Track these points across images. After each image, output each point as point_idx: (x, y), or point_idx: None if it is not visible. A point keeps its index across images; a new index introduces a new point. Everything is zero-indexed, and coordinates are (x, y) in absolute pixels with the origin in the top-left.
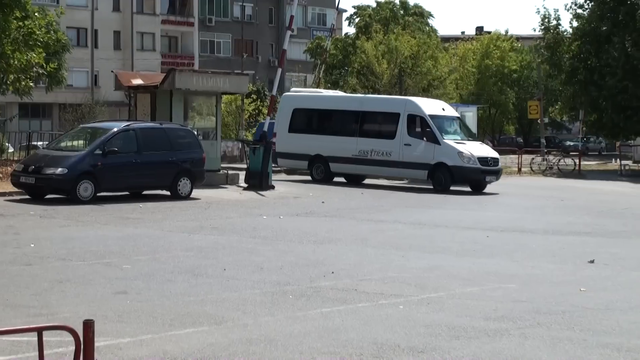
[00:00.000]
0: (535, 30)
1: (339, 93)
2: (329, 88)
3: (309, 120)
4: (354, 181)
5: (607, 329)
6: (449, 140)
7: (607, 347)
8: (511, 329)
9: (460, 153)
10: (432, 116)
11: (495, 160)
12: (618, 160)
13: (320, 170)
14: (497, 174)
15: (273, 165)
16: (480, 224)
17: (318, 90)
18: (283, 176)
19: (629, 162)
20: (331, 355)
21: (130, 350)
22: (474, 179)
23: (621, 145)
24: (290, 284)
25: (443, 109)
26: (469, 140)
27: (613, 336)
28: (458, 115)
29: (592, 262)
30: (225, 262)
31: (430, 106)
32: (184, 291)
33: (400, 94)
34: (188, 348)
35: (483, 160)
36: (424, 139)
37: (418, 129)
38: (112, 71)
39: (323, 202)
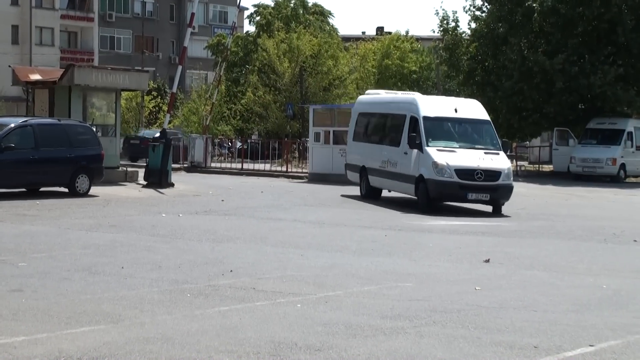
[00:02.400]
0: (434, 31)
1: (410, 94)
2: (229, 86)
3: (366, 126)
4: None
5: (500, 327)
6: (433, 148)
7: (500, 344)
8: (407, 327)
9: (434, 163)
10: (429, 118)
11: (489, 174)
12: (514, 161)
13: (363, 185)
14: (490, 191)
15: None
16: (378, 222)
17: (391, 92)
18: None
19: (525, 163)
20: (228, 353)
21: (25, 349)
22: (451, 194)
23: (517, 146)
24: (188, 282)
25: (455, 110)
26: (475, 148)
27: (506, 334)
28: (482, 118)
29: (487, 261)
30: (123, 260)
31: (433, 106)
32: (80, 289)
33: (301, 93)
34: (84, 346)
35: (464, 172)
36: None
37: (413, 134)
38: (9, 66)
39: (223, 200)
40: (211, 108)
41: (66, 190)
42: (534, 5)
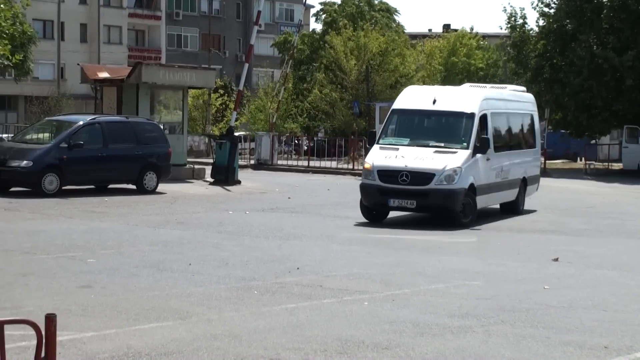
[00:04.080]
0: (501, 28)
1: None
2: (296, 83)
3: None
4: None
5: (569, 327)
6: (377, 146)
7: (570, 344)
8: (475, 326)
9: (364, 163)
10: (398, 111)
11: (417, 176)
12: (583, 159)
13: None
14: (418, 196)
15: None
16: (442, 221)
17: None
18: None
19: (594, 161)
20: (295, 351)
21: (94, 345)
22: (374, 201)
23: (586, 145)
24: (255, 279)
25: (434, 101)
26: (429, 146)
27: (576, 334)
28: (461, 111)
29: (556, 260)
30: (191, 256)
31: (412, 98)
32: (148, 286)
33: (367, 91)
34: (152, 343)
35: (386, 173)
36: None
37: (373, 130)
38: (78, 64)
39: (289, 197)
40: (278, 106)
41: (134, 187)
42: (604, 1)
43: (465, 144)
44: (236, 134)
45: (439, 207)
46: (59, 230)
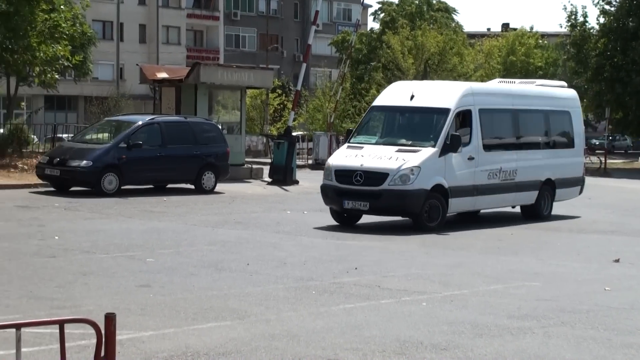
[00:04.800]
0: (561, 26)
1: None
2: (354, 83)
3: None
4: None
5: (631, 329)
6: (346, 145)
7: (632, 346)
8: (535, 327)
9: (326, 163)
10: (375, 108)
11: (371, 176)
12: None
13: None
14: (371, 198)
15: None
16: (504, 221)
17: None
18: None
19: None
20: (354, 351)
21: (153, 344)
22: (332, 202)
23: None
24: (313, 279)
25: (412, 97)
26: (395, 144)
27: (637, 336)
28: (437, 107)
29: (617, 261)
30: (249, 256)
31: (392, 94)
32: (207, 285)
33: None
34: (210, 342)
35: (342, 173)
36: None
37: (350, 129)
38: (137, 64)
39: None
40: (335, 105)
41: (192, 187)
42: None
43: (432, 142)
44: (294, 133)
45: (393, 210)
46: (118, 229)
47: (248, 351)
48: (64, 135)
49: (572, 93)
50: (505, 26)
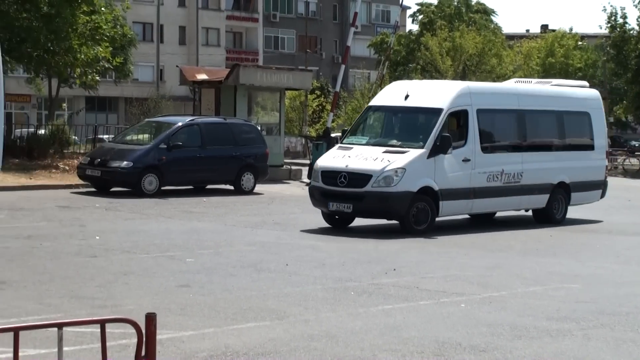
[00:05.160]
0: (601, 28)
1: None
2: None
3: None
4: None
5: None
6: (337, 145)
7: None
8: (574, 329)
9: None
10: (371, 108)
11: (355, 177)
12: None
13: None
14: (354, 200)
15: None
16: (543, 223)
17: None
18: None
19: None
20: (392, 352)
21: (193, 344)
22: (319, 204)
23: None
24: (352, 280)
25: (406, 97)
26: (384, 145)
27: None
28: (430, 107)
29: None
30: (288, 257)
31: (389, 94)
32: (246, 286)
33: None
34: (249, 342)
35: (328, 175)
36: None
37: (345, 129)
38: (177, 66)
39: None
40: None
41: (232, 187)
42: None
43: (421, 142)
44: (333, 135)
45: (376, 212)
46: (158, 230)
47: (287, 351)
48: (105, 136)
49: (593, 93)
50: (544, 27)
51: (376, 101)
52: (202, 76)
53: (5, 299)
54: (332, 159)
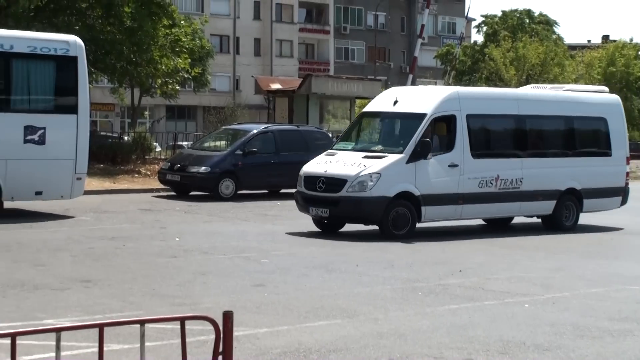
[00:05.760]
0: None
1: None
2: None
3: None
4: None
5: None
6: (326, 151)
7: None
8: (635, 330)
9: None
10: (364, 114)
11: (331, 182)
12: None
13: None
14: (330, 205)
15: None
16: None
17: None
18: None
19: None
20: (458, 350)
21: (267, 340)
22: (301, 209)
23: None
24: (419, 281)
25: (395, 102)
26: (365, 150)
27: None
28: (415, 112)
29: None
30: (358, 258)
31: (380, 99)
32: (318, 285)
33: None
34: (321, 339)
35: (309, 180)
36: None
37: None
38: (252, 76)
39: None
40: None
41: None
42: None
43: (401, 148)
44: None
45: (351, 217)
46: (235, 232)
47: (357, 349)
48: (184, 143)
49: (611, 98)
50: (605, 38)
51: (368, 107)
52: (276, 86)
53: (91, 296)
54: (316, 164)
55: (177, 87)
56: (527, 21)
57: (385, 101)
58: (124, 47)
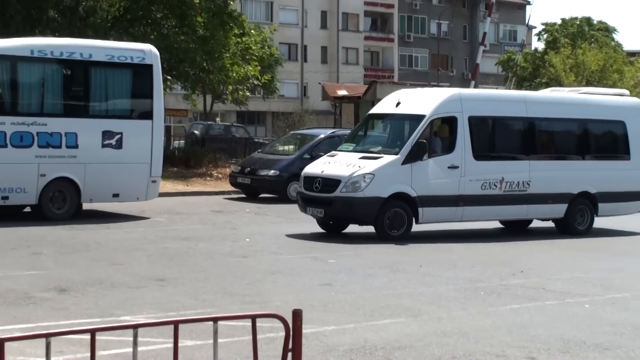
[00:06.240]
0: None
1: None
2: None
3: None
4: None
5: None
6: (328, 154)
7: None
8: None
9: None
10: (370, 116)
11: (327, 183)
12: None
13: None
14: (325, 205)
15: None
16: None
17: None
18: None
19: None
20: (520, 349)
21: (334, 338)
22: (302, 208)
23: None
24: (482, 281)
25: (397, 104)
26: (363, 151)
27: None
28: (415, 114)
29: None
30: (422, 259)
31: (385, 101)
32: (383, 285)
33: None
34: (386, 337)
35: (307, 180)
36: None
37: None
38: (319, 83)
39: None
40: None
41: None
42: None
43: (397, 149)
44: None
45: (345, 217)
46: (302, 233)
47: (421, 346)
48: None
49: (632, 102)
50: None
51: (374, 109)
52: (342, 92)
53: (165, 294)
54: (316, 165)
55: (247, 94)
56: (587, 29)
57: (389, 103)
58: (196, 55)
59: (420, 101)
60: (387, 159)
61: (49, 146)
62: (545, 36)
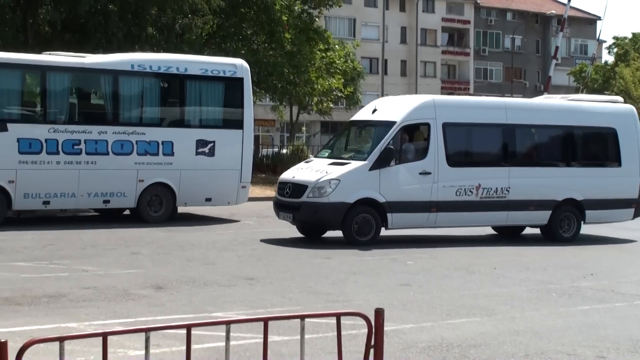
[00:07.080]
0: None
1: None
2: None
3: None
4: None
5: None
6: (305, 160)
7: None
8: None
9: None
10: (350, 123)
11: (296, 188)
12: None
13: None
14: (293, 209)
15: None
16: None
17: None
18: None
19: None
20: (590, 348)
21: (413, 335)
22: (276, 213)
23: None
24: (553, 282)
25: (374, 110)
26: (333, 157)
27: None
28: (386, 120)
29: None
30: (495, 261)
31: (366, 108)
32: (459, 286)
33: None
34: (462, 335)
35: (280, 186)
36: None
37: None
38: (398, 95)
39: None
40: None
41: None
42: None
43: (365, 155)
44: None
45: (312, 222)
46: (380, 236)
47: (495, 344)
48: None
49: (624, 109)
50: None
51: (354, 116)
52: None
53: (254, 292)
54: (290, 170)
55: (331, 105)
56: None
57: (368, 110)
58: (284, 69)
59: (393, 108)
60: (354, 164)
61: (147, 154)
62: (615, 50)
